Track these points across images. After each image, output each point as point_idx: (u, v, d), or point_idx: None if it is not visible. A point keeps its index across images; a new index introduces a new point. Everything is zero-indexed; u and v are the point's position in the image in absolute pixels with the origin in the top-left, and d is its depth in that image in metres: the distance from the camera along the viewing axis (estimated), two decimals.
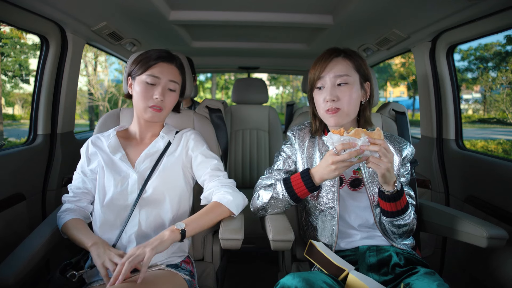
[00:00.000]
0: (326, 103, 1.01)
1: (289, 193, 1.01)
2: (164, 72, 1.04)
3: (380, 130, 0.88)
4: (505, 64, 9.53)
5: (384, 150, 0.86)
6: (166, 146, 1.12)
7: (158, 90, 1.03)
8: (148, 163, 1.08)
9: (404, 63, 13.93)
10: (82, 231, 0.98)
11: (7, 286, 0.85)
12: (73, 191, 1.08)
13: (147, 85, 1.03)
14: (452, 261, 1.66)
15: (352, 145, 0.87)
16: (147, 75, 1.03)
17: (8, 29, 7.98)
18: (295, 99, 17.86)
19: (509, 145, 7.25)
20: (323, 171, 0.94)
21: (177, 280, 0.95)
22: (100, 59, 11.04)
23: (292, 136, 1.16)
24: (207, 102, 1.82)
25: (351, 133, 0.88)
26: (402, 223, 0.98)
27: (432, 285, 0.82)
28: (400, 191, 0.95)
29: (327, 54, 1.04)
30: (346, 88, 1.00)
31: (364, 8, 1.44)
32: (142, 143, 1.12)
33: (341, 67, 1.01)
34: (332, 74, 1.00)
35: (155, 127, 1.14)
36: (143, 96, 1.03)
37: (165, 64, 1.05)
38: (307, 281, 0.80)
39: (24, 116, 10.39)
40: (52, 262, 1.46)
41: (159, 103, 1.04)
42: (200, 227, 0.98)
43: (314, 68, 1.05)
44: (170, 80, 1.05)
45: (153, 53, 1.06)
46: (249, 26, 1.92)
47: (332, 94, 0.99)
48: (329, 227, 1.06)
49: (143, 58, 1.05)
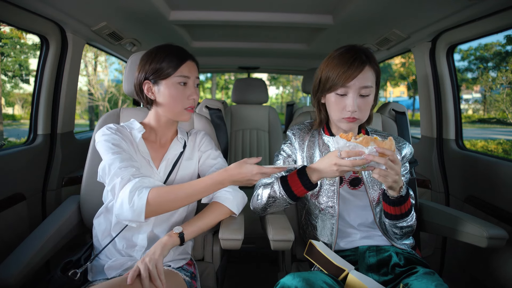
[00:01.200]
0: (346, 111, 0.98)
1: (286, 191, 1.01)
2: (191, 70, 1.02)
3: (393, 140, 0.84)
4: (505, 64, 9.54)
5: (391, 163, 0.83)
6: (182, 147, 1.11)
7: (192, 90, 1.02)
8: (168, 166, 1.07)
9: (404, 63, 13.94)
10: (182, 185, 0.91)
11: (7, 286, 0.85)
12: (134, 167, 0.92)
13: (180, 87, 1.00)
14: (452, 261, 1.66)
15: (358, 153, 0.84)
16: (178, 76, 0.99)
17: (8, 29, 7.98)
18: (295, 99, 17.86)
19: (509, 145, 7.26)
20: (324, 169, 0.93)
21: (177, 280, 0.95)
22: (100, 59, 11.05)
23: (292, 135, 1.15)
24: (207, 102, 1.82)
25: (359, 140, 0.84)
26: (404, 225, 0.98)
27: (430, 285, 0.82)
28: (405, 196, 0.94)
29: (355, 62, 0.95)
30: (367, 98, 0.98)
31: (364, 8, 1.44)
32: (162, 145, 1.09)
33: (368, 78, 0.97)
34: (359, 84, 0.95)
35: (173, 128, 1.11)
36: (179, 99, 1.00)
37: (190, 62, 1.02)
38: (307, 281, 0.80)
39: (24, 116, 10.40)
40: (52, 262, 1.46)
41: (194, 103, 1.03)
42: (199, 229, 0.98)
43: (337, 69, 0.96)
44: (197, 77, 1.04)
45: (173, 52, 1.00)
46: (249, 26, 1.92)
47: (355, 105, 0.96)
48: (329, 226, 1.06)
49: (165, 59, 0.98)
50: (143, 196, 0.85)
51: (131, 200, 0.85)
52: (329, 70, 0.99)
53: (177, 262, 1.04)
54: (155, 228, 1.02)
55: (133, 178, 0.89)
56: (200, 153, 1.14)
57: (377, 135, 1.11)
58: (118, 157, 0.92)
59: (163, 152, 1.07)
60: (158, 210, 0.88)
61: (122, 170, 0.89)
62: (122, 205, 0.85)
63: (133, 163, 0.93)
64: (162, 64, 0.98)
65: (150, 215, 0.87)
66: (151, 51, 1.02)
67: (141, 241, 1.00)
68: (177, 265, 1.03)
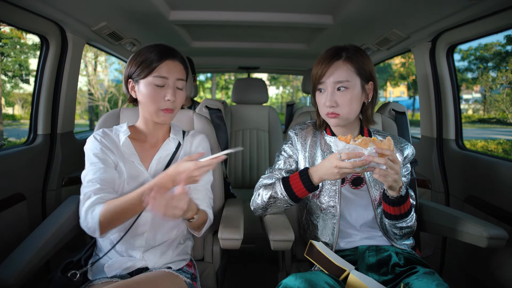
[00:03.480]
0: (325, 107, 1.01)
1: (288, 192, 1.01)
2: (171, 71, 0.98)
3: (391, 140, 0.85)
4: (505, 64, 9.54)
5: (391, 162, 0.84)
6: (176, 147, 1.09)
7: (169, 91, 0.97)
8: (159, 165, 1.05)
9: (404, 63, 13.94)
10: (127, 195, 0.89)
11: (7, 286, 0.85)
12: (100, 183, 0.93)
13: (156, 87, 0.97)
14: (452, 261, 1.66)
15: (357, 155, 0.84)
16: (154, 77, 0.96)
17: (8, 29, 7.98)
18: (295, 99, 17.86)
19: (509, 145, 7.26)
20: (325, 171, 0.93)
21: (178, 282, 0.94)
22: (100, 59, 11.05)
23: (294, 135, 1.15)
24: (207, 102, 1.82)
25: (358, 141, 0.84)
26: (404, 225, 0.99)
27: (431, 285, 0.82)
28: (404, 196, 0.94)
29: (328, 57, 1.00)
30: (346, 93, 0.99)
31: (364, 8, 1.44)
32: (153, 145, 1.08)
33: (341, 72, 0.99)
34: (332, 79, 0.99)
35: (163, 128, 1.10)
36: (153, 100, 0.97)
37: (170, 62, 0.98)
38: (309, 281, 0.80)
39: (24, 116, 10.39)
40: (52, 262, 1.46)
41: (171, 105, 0.99)
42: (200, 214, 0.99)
43: (316, 68, 1.03)
44: (178, 78, 0.99)
45: (154, 51, 0.97)
46: (249, 26, 1.92)
47: (331, 100, 0.99)
48: (330, 226, 1.06)
49: (145, 59, 0.97)
50: (95, 214, 0.87)
51: (86, 219, 0.88)
52: (313, 68, 1.04)
53: (177, 264, 1.04)
54: (153, 228, 1.02)
55: (93, 195, 0.90)
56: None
57: (380, 135, 1.12)
58: (92, 169, 0.95)
59: (154, 152, 1.06)
60: (111, 225, 0.89)
61: (89, 184, 0.92)
62: (81, 222, 0.90)
63: (103, 176, 0.94)
64: (141, 63, 0.97)
65: (106, 230, 0.89)
66: (139, 50, 1.01)
67: (140, 242, 1.00)
68: (177, 267, 1.03)
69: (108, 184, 0.94)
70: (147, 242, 1.01)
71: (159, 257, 1.01)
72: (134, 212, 0.90)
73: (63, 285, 0.92)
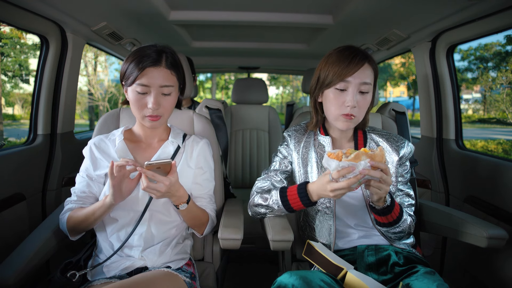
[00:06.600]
0: (345, 107, 0.97)
1: (284, 204, 1.02)
2: (153, 78, 0.94)
3: (383, 150, 0.83)
4: (505, 64, 9.54)
5: (385, 175, 0.82)
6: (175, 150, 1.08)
7: (151, 99, 0.95)
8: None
9: (404, 63, 13.94)
10: (88, 207, 0.97)
11: (7, 286, 0.85)
12: (77, 195, 1.02)
13: (139, 94, 0.95)
14: (452, 261, 1.66)
15: (350, 170, 0.80)
16: (136, 85, 0.94)
17: (8, 29, 7.98)
18: (295, 99, 17.86)
19: (509, 145, 7.26)
20: (322, 192, 0.92)
21: (177, 282, 0.94)
22: (100, 59, 11.05)
23: (288, 136, 1.16)
24: (207, 102, 1.82)
25: (351, 157, 0.80)
26: (397, 230, 0.99)
27: (431, 285, 0.82)
28: (390, 205, 0.93)
29: (355, 58, 0.95)
30: (366, 96, 0.98)
31: (364, 8, 1.44)
32: (150, 148, 1.08)
33: (368, 74, 0.97)
34: (359, 80, 0.96)
35: (160, 131, 1.09)
36: (137, 106, 0.97)
37: (152, 69, 0.94)
38: (304, 279, 0.80)
39: (24, 116, 10.39)
40: (52, 262, 1.46)
41: (155, 112, 0.97)
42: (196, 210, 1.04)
43: (336, 66, 0.97)
44: (162, 85, 0.96)
45: (137, 58, 0.95)
46: (249, 26, 1.92)
47: (354, 100, 0.96)
48: (327, 227, 1.06)
49: (127, 67, 0.96)
50: (64, 222, 0.99)
51: (61, 223, 1.01)
52: (329, 66, 0.99)
53: (176, 263, 1.04)
54: (151, 228, 1.02)
55: (69, 204, 1.02)
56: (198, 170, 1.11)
57: (375, 134, 1.11)
58: (78, 178, 1.05)
59: (151, 155, 1.06)
60: (77, 231, 1.00)
61: (72, 192, 1.04)
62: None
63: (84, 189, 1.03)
64: (126, 70, 0.96)
65: (74, 235, 1.02)
66: (130, 53, 1.00)
67: (138, 241, 1.00)
68: (176, 266, 1.03)
69: (84, 198, 1.03)
70: (146, 241, 1.01)
71: (158, 256, 1.01)
72: (95, 222, 0.98)
73: (62, 285, 0.92)
